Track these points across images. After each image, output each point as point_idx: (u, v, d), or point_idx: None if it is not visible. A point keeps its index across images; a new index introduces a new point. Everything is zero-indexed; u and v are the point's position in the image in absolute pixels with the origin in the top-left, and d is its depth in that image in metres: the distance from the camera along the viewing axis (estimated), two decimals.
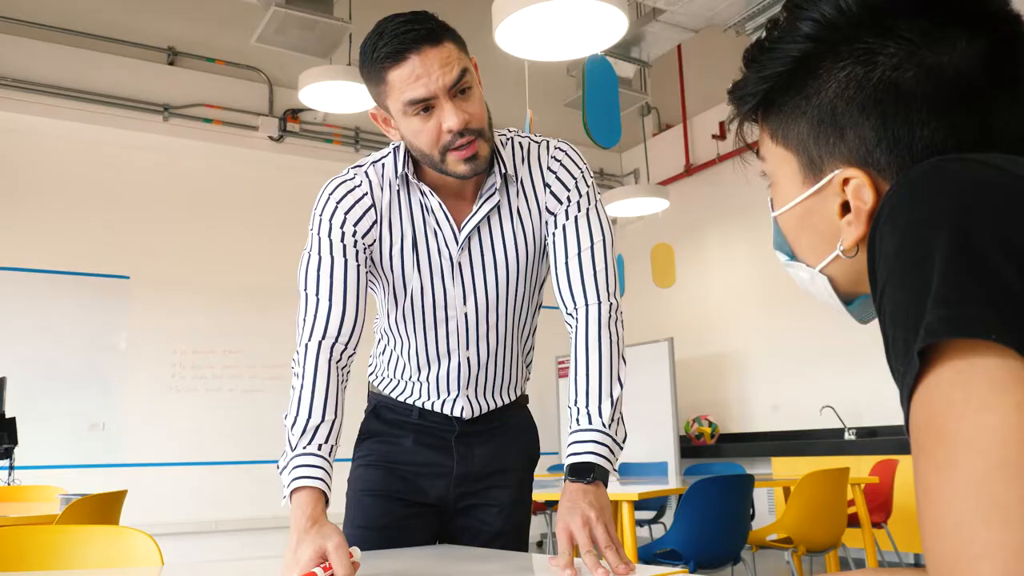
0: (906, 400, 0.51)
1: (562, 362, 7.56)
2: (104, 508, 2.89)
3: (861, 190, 0.66)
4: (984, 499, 0.44)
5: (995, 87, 0.63)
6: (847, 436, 6.17)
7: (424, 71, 1.34)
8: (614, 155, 8.42)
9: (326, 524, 1.23)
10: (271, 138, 6.58)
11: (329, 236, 1.47)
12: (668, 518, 5.89)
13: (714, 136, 7.48)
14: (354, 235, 1.48)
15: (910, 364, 0.50)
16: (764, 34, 0.74)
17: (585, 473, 1.36)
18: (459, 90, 1.37)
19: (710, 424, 7.18)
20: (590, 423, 1.41)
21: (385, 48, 1.35)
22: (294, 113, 6.66)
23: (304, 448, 1.34)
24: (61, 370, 5.89)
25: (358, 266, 1.47)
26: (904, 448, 5.38)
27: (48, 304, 5.92)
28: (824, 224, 0.71)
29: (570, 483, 1.36)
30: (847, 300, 0.76)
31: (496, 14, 3.38)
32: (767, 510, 6.35)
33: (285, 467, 1.35)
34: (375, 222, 1.50)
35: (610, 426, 1.41)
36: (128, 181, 6.28)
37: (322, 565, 1.14)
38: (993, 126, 0.63)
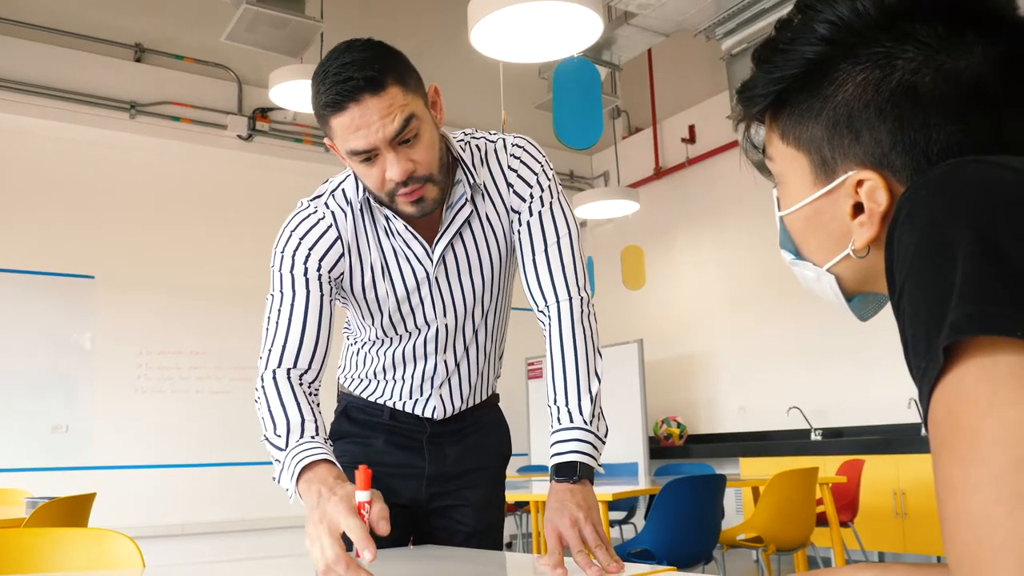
0: (926, 396, 0.51)
1: (532, 363, 7.57)
2: (72, 511, 2.85)
3: (875, 192, 0.67)
4: (1007, 491, 0.44)
5: (1010, 92, 0.64)
6: (813, 437, 6.25)
7: (363, 122, 1.27)
8: (584, 157, 8.45)
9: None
10: (240, 137, 6.51)
11: (292, 272, 1.42)
12: (638, 518, 5.93)
13: (683, 140, 7.54)
14: (319, 270, 1.43)
15: (932, 360, 0.50)
16: (774, 34, 0.74)
17: (570, 473, 1.36)
18: (403, 139, 1.31)
19: (678, 425, 7.24)
20: (571, 421, 1.41)
21: (324, 96, 1.28)
22: (263, 112, 6.61)
23: (297, 441, 1.27)
24: (23, 371, 5.77)
25: (321, 297, 1.42)
26: (868, 448, 5.47)
27: (10, 304, 5.80)
28: (834, 224, 0.71)
29: (556, 483, 1.36)
30: (849, 298, 0.77)
31: (472, 15, 3.38)
32: (735, 510, 6.41)
33: (282, 468, 1.26)
34: (342, 255, 1.46)
35: (591, 422, 1.41)
36: (94, 179, 6.18)
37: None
38: (1007, 130, 0.64)
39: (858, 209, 0.68)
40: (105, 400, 5.98)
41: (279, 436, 1.29)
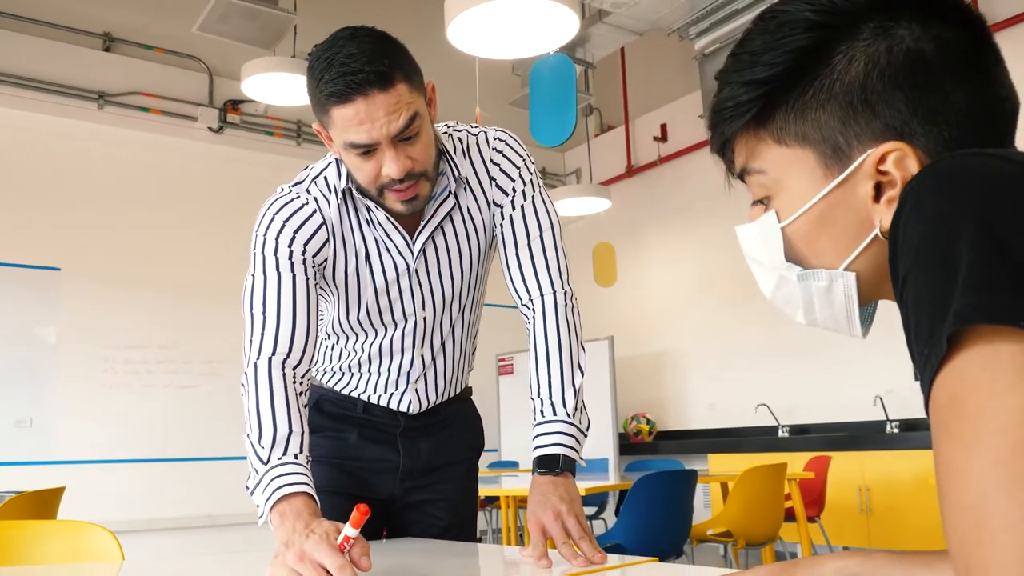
0: (928, 381, 0.52)
1: (503, 360, 7.58)
2: (41, 505, 2.82)
3: (904, 160, 0.66)
4: (1007, 476, 0.46)
5: (992, 62, 0.68)
6: (781, 433, 6.33)
7: (368, 116, 1.26)
8: (556, 154, 8.48)
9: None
10: (210, 129, 6.44)
11: (276, 254, 1.39)
12: (608, 514, 5.96)
13: (655, 138, 7.59)
14: (303, 253, 1.40)
15: (935, 347, 0.51)
16: (739, 48, 0.74)
17: (553, 465, 1.37)
18: (404, 137, 1.30)
19: (648, 421, 7.29)
20: (554, 414, 1.41)
21: (330, 85, 1.25)
22: (235, 104, 6.54)
23: (280, 459, 1.24)
24: None
25: (307, 280, 1.39)
26: (834, 445, 5.55)
27: None
28: (851, 215, 0.70)
29: (538, 476, 1.36)
30: (863, 305, 0.74)
31: (448, 11, 3.38)
32: (703, 505, 6.48)
33: (259, 483, 1.23)
34: (327, 240, 1.44)
35: (574, 415, 1.42)
36: (61, 169, 6.08)
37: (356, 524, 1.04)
38: (1004, 96, 0.68)
39: (878, 191, 0.68)
40: (70, 394, 5.89)
41: (263, 447, 1.26)
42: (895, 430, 5.66)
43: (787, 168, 0.73)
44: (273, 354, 1.33)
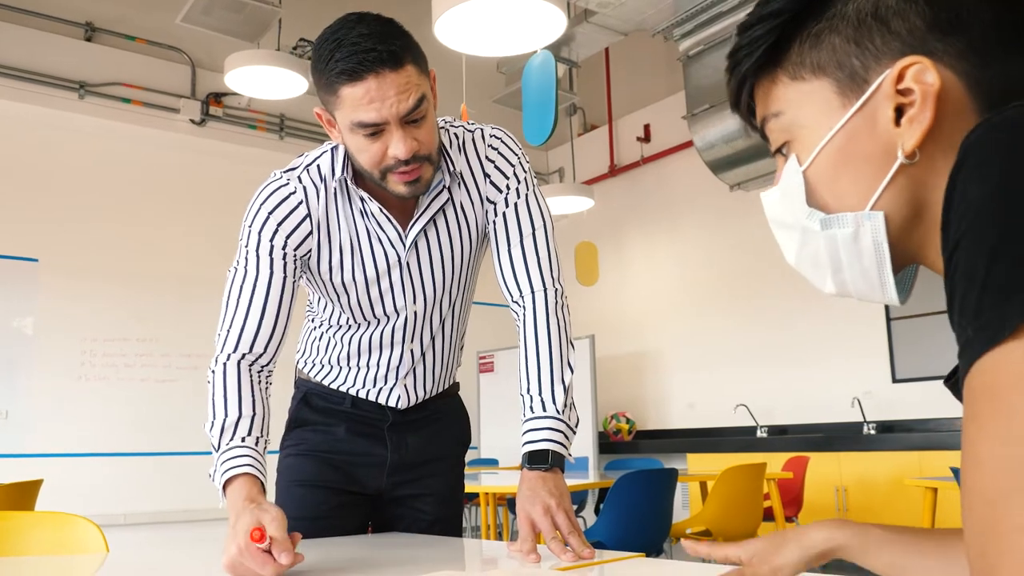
0: (967, 362, 0.49)
1: (483, 357, 7.58)
2: (18, 498, 2.80)
3: (924, 73, 0.62)
4: None
5: None
6: (759, 434, 6.37)
7: (379, 95, 1.27)
8: (540, 153, 8.49)
9: (265, 502, 1.21)
10: (192, 121, 6.39)
11: (257, 250, 1.41)
12: (587, 512, 5.98)
13: (638, 138, 7.62)
14: (284, 247, 1.42)
15: (981, 329, 0.47)
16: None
17: (542, 461, 1.37)
18: (412, 119, 1.32)
19: (628, 420, 7.32)
20: (544, 410, 1.42)
21: (341, 63, 1.26)
22: (217, 97, 6.49)
23: (228, 444, 1.31)
24: None
25: (284, 278, 1.42)
26: (811, 446, 5.60)
27: None
28: (873, 144, 0.65)
29: (528, 471, 1.37)
30: (895, 258, 0.68)
31: (436, 7, 3.38)
32: (681, 504, 6.51)
33: (214, 471, 1.31)
34: (310, 233, 1.45)
35: (563, 412, 1.42)
36: (40, 159, 6.01)
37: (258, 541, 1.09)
38: None
39: (899, 115, 0.64)
40: (47, 387, 5.83)
41: (213, 436, 1.34)
42: (872, 431, 5.71)
43: (804, 104, 0.69)
44: (235, 351, 1.39)
